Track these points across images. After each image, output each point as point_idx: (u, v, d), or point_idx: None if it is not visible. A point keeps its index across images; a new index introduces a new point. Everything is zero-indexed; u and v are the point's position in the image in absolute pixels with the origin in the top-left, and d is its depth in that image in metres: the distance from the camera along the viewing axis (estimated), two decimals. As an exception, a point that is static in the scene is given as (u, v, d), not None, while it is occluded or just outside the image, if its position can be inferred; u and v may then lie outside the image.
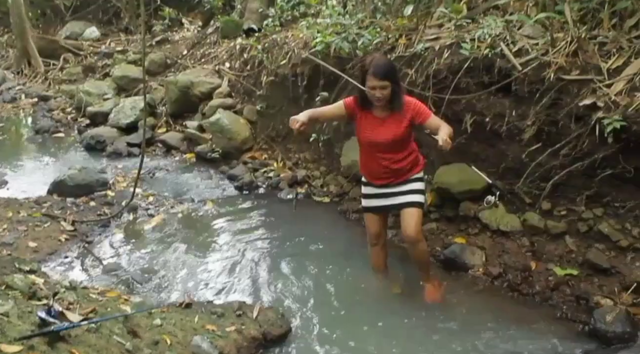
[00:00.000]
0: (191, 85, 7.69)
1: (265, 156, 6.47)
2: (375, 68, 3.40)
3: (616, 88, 3.73)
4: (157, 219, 5.12)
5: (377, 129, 3.60)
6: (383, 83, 3.40)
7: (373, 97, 3.46)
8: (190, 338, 3.06)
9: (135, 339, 2.87)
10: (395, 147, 3.65)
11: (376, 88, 3.41)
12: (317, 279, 4.16)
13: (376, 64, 3.43)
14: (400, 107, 3.54)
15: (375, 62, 3.45)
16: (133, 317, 3.04)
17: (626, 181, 3.83)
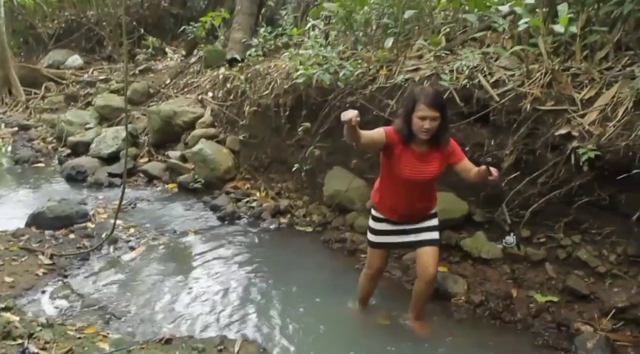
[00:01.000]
0: (174, 115, 7.75)
1: (248, 185, 6.52)
2: (428, 97, 3.25)
3: (589, 118, 3.86)
4: (138, 251, 5.11)
5: (418, 166, 3.42)
6: (435, 114, 3.24)
7: (420, 128, 3.27)
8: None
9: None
10: (430, 185, 3.57)
11: (427, 119, 3.24)
12: (301, 311, 4.17)
13: (429, 93, 3.30)
14: (446, 143, 3.42)
15: (428, 91, 3.34)
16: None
17: (602, 208, 3.93)
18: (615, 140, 3.69)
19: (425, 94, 3.28)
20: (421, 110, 3.24)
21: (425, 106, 3.23)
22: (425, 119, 3.24)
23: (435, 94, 3.35)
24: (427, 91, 3.33)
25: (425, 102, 3.23)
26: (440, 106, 3.28)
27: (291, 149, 6.09)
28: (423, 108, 3.23)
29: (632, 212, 3.71)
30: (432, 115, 3.24)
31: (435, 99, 3.27)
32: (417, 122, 3.27)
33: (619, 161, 3.67)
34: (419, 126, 3.27)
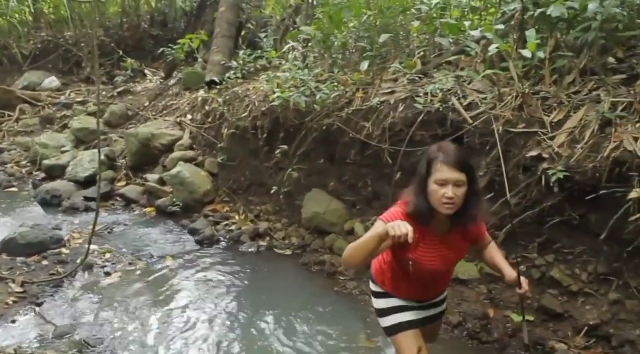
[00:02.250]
0: (152, 138, 7.83)
1: (227, 208, 6.60)
2: (449, 155, 2.46)
3: (559, 140, 4.04)
4: (114, 277, 5.15)
5: (441, 255, 2.66)
6: (459, 176, 2.44)
7: (440, 199, 2.45)
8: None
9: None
10: (452, 269, 2.97)
11: (448, 183, 2.43)
12: (280, 335, 4.23)
13: (449, 150, 2.50)
14: (474, 219, 2.63)
15: (447, 148, 2.52)
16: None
17: (573, 228, 4.09)
18: (583, 162, 3.86)
19: (445, 151, 2.49)
20: (439, 172, 2.45)
21: (446, 165, 2.44)
22: (446, 184, 2.43)
23: (457, 150, 2.52)
24: (446, 148, 2.52)
25: (446, 161, 2.44)
26: (465, 165, 2.48)
27: (269, 171, 6.20)
28: (442, 169, 2.44)
29: (601, 231, 3.86)
30: (456, 178, 2.44)
31: (458, 157, 2.47)
32: (436, 191, 2.45)
33: (587, 181, 3.84)
34: (439, 196, 2.44)
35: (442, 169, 2.43)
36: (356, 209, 5.42)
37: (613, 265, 3.97)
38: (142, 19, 13.66)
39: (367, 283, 4.81)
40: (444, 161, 2.44)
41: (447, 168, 2.42)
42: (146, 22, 13.68)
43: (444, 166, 2.43)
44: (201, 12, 11.18)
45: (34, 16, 13.99)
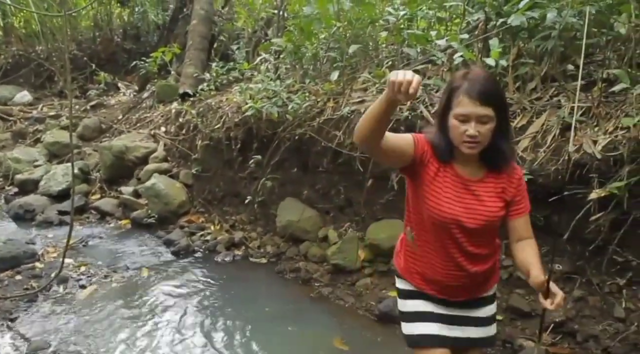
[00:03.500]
0: (126, 150, 7.79)
1: (202, 219, 6.60)
2: (474, 83, 2.06)
3: (522, 145, 4.16)
4: (90, 290, 5.10)
5: (465, 200, 2.19)
6: (484, 111, 2.04)
7: (460, 136, 2.07)
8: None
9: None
10: (483, 235, 2.27)
11: (470, 119, 2.04)
12: (256, 343, 4.25)
13: (474, 78, 2.08)
14: (506, 162, 2.21)
15: (473, 76, 2.09)
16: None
17: (538, 229, 4.13)
18: (545, 165, 3.99)
19: (471, 79, 2.07)
20: (461, 104, 2.05)
21: (468, 97, 2.03)
22: (468, 120, 2.04)
23: (485, 79, 2.09)
24: (473, 76, 2.09)
25: (469, 92, 2.04)
26: (493, 98, 2.06)
27: (244, 181, 6.23)
28: (464, 101, 2.04)
29: (564, 232, 3.98)
30: (481, 112, 2.03)
31: (485, 87, 2.05)
32: (456, 126, 2.07)
33: (550, 184, 3.96)
34: (459, 132, 2.06)
35: (464, 102, 2.02)
36: (329, 216, 5.47)
37: (576, 263, 4.10)
38: (114, 33, 13.57)
39: (341, 288, 4.90)
40: (467, 92, 2.03)
41: (469, 101, 2.02)
42: (119, 35, 13.60)
43: (465, 98, 2.02)
44: (173, 25, 11.17)
45: (4, 30, 13.78)
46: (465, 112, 2.04)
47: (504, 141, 2.15)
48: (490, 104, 2.04)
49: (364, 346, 4.16)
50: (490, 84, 2.09)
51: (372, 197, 4.99)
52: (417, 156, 2.17)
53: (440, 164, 2.20)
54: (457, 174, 2.20)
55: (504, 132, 2.13)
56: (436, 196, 2.19)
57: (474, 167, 2.21)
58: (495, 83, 2.17)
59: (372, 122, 1.95)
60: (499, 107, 2.08)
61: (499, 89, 2.18)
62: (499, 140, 2.13)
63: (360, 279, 4.87)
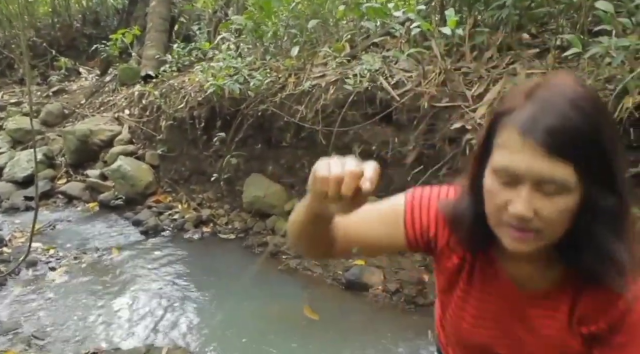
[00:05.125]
0: (90, 134, 7.49)
1: (170, 198, 6.41)
2: (543, 109, 0.85)
3: (480, 112, 4.10)
4: (59, 271, 4.91)
5: (500, 323, 1.10)
6: (552, 169, 0.84)
7: (498, 213, 0.93)
8: (94, 388, 2.99)
9: (34, 396, 2.76)
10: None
11: (522, 181, 0.87)
12: (226, 315, 4.15)
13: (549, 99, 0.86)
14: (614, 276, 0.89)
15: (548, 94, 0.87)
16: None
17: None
18: (502, 130, 3.95)
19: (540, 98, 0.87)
20: (506, 147, 0.89)
21: (522, 135, 0.86)
22: (517, 182, 0.88)
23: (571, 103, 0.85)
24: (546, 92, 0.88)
25: (526, 125, 0.86)
26: (580, 142, 0.84)
27: (209, 159, 6.05)
28: (513, 142, 0.88)
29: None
30: (544, 172, 0.85)
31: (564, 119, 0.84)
32: (492, 191, 0.92)
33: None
34: (496, 204, 0.92)
35: (514, 146, 0.88)
36: (295, 190, 5.36)
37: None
38: (73, 18, 13.01)
39: (308, 260, 4.82)
40: (522, 124, 0.87)
41: (523, 143, 0.86)
42: (78, 21, 13.04)
43: (518, 139, 0.87)
44: (132, 8, 10.75)
45: (-41, 19, 13.11)
46: (513, 167, 0.88)
47: (599, 238, 0.89)
48: (571, 155, 0.84)
49: (333, 314, 4.11)
50: (577, 113, 0.85)
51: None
52: (414, 244, 1.15)
53: (467, 255, 1.10)
54: (496, 276, 1.07)
55: (604, 218, 0.88)
56: (457, 312, 1.16)
57: (534, 266, 1.01)
58: (591, 113, 0.86)
59: (302, 237, 1.16)
60: (592, 164, 0.86)
61: (597, 125, 0.86)
62: (587, 236, 0.90)
63: (327, 249, 4.79)
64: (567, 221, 0.87)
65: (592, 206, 0.85)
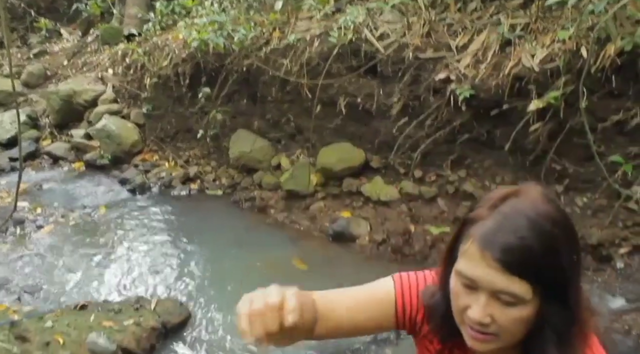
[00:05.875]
0: (74, 94, 7.33)
1: (156, 157, 6.33)
2: (502, 226, 0.87)
3: (464, 62, 4.07)
4: (47, 229, 4.86)
5: None
6: (509, 283, 0.86)
7: (460, 314, 0.95)
8: (85, 336, 2.99)
9: (25, 343, 2.76)
10: None
11: (480, 289, 0.90)
12: (215, 267, 4.18)
13: (511, 215, 0.88)
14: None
15: (512, 209, 0.89)
16: (21, 323, 2.91)
17: (481, 144, 4.19)
18: (487, 80, 3.92)
19: (502, 213, 0.89)
20: (467, 257, 0.91)
21: (481, 249, 0.88)
22: (475, 288, 0.90)
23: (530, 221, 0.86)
24: (510, 207, 0.90)
25: (486, 240, 0.88)
26: (534, 263, 0.86)
27: (195, 116, 5.97)
28: (474, 255, 0.89)
29: (505, 144, 3.97)
30: (499, 285, 0.87)
31: (521, 239, 0.85)
32: (456, 293, 0.95)
33: (491, 98, 3.91)
34: (459, 307, 0.95)
35: (474, 257, 0.90)
36: (281, 144, 5.32)
37: (518, 174, 4.12)
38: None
39: (295, 213, 4.82)
40: (482, 238, 0.89)
41: (481, 256, 0.88)
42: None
43: (477, 251, 0.89)
44: (113, -33, 10.40)
45: None
46: (471, 276, 0.90)
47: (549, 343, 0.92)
48: (525, 273, 0.86)
49: (321, 264, 4.15)
50: (534, 233, 0.86)
51: (321, 123, 4.85)
52: (401, 326, 1.13)
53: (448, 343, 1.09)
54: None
55: (555, 328, 0.91)
56: None
57: None
58: (549, 233, 0.87)
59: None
60: (546, 281, 0.88)
61: (554, 246, 0.88)
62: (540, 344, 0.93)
63: (313, 203, 4.79)
64: (524, 329, 0.91)
65: (545, 318, 0.90)
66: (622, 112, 3.63)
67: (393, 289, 1.10)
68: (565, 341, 0.92)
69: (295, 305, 0.81)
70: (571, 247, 0.90)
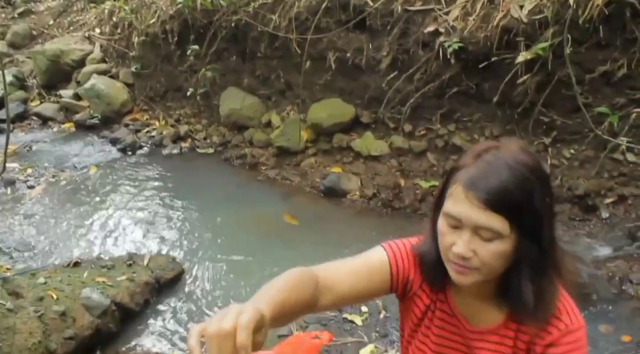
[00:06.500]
0: (61, 54, 7.18)
1: (147, 116, 6.26)
2: (485, 170, 1.00)
3: (453, 14, 3.99)
4: (38, 189, 4.84)
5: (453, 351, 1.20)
6: (488, 219, 0.98)
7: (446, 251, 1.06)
8: (79, 291, 3.01)
9: (19, 299, 2.77)
10: None
11: (463, 226, 1.01)
12: (207, 224, 4.19)
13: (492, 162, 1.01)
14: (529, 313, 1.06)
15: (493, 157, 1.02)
16: (14, 279, 2.92)
17: (470, 97, 4.16)
18: (475, 32, 3.86)
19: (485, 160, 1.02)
20: (454, 198, 1.03)
21: (466, 189, 1.00)
22: (460, 226, 1.02)
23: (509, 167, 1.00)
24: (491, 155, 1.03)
25: (470, 181, 1.00)
26: (510, 200, 0.98)
27: (184, 75, 5.87)
28: (459, 196, 1.01)
29: (493, 97, 3.94)
30: (481, 221, 0.99)
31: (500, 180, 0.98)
32: (443, 233, 1.06)
33: (480, 51, 3.86)
34: (445, 244, 1.06)
35: (459, 197, 1.01)
36: (271, 101, 5.26)
37: (506, 127, 4.11)
38: None
39: (287, 169, 4.82)
40: (466, 180, 1.00)
41: (465, 195, 0.99)
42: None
43: (460, 189, 1.01)
44: None
45: None
46: (456, 214, 1.01)
47: (525, 279, 1.03)
48: (503, 210, 0.97)
49: (312, 219, 4.17)
50: (512, 176, 0.98)
51: (311, 79, 4.79)
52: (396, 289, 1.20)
53: (433, 294, 1.20)
54: (452, 314, 1.17)
55: (530, 262, 1.03)
56: (420, 349, 1.23)
57: (484, 305, 1.13)
58: (525, 178, 0.99)
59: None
60: (522, 219, 0.99)
61: (529, 188, 0.99)
62: (517, 275, 1.04)
63: (304, 159, 4.78)
64: (502, 263, 1.03)
65: (521, 253, 1.02)
66: (609, 63, 3.60)
67: (386, 255, 1.18)
68: (539, 274, 1.04)
69: (246, 341, 0.77)
70: (544, 192, 1.02)
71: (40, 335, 2.62)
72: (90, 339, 2.87)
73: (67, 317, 2.82)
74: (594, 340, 2.74)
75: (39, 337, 2.61)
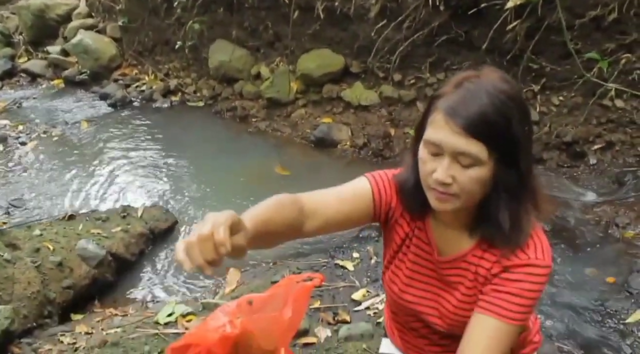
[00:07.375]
0: (46, 9, 6.98)
1: (136, 71, 6.16)
2: (464, 97, 0.99)
3: (443, -41, 3.87)
4: (30, 145, 4.80)
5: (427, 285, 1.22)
6: (467, 145, 0.97)
7: (426, 178, 1.04)
8: (74, 243, 3.03)
9: (16, 251, 2.79)
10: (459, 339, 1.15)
11: (443, 153, 1.00)
12: (199, 176, 4.19)
13: (473, 89, 1.00)
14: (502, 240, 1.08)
15: (473, 85, 1.00)
16: (10, 232, 2.93)
17: (460, 45, 4.09)
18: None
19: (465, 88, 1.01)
20: (434, 125, 1.02)
21: (446, 116, 0.99)
22: (440, 153, 1.01)
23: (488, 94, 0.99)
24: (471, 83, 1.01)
25: (450, 108, 0.99)
26: (490, 126, 0.98)
27: (172, 28, 5.73)
28: (439, 123, 1.01)
29: (483, 44, 3.88)
30: (460, 147, 0.98)
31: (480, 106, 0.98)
32: (423, 160, 1.04)
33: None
34: (425, 171, 1.04)
35: (438, 122, 1.00)
36: (260, 53, 5.17)
37: (495, 74, 4.05)
38: None
39: (277, 120, 4.79)
40: (447, 107, 0.99)
41: (445, 122, 0.99)
42: None
43: (441, 116, 1.00)
44: None
45: None
46: (436, 140, 1.00)
47: (502, 204, 1.04)
48: (482, 136, 0.97)
49: (303, 169, 4.17)
50: (491, 103, 0.97)
51: (300, 29, 4.68)
52: (379, 215, 1.20)
53: (412, 222, 1.20)
54: (428, 242, 1.18)
55: (507, 189, 1.03)
56: (395, 274, 1.25)
57: (456, 233, 1.15)
58: (504, 105, 0.99)
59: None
60: (500, 146, 0.99)
61: (508, 115, 0.99)
62: (495, 202, 1.05)
63: (294, 110, 4.75)
64: (481, 189, 1.03)
65: (499, 179, 1.02)
66: (600, 7, 3.53)
67: (369, 183, 1.19)
68: (515, 201, 1.05)
69: (223, 237, 0.81)
70: (522, 120, 1.02)
71: (39, 284, 2.65)
72: (87, 288, 2.92)
73: (64, 267, 2.85)
74: (580, 282, 2.80)
75: (37, 286, 2.64)
